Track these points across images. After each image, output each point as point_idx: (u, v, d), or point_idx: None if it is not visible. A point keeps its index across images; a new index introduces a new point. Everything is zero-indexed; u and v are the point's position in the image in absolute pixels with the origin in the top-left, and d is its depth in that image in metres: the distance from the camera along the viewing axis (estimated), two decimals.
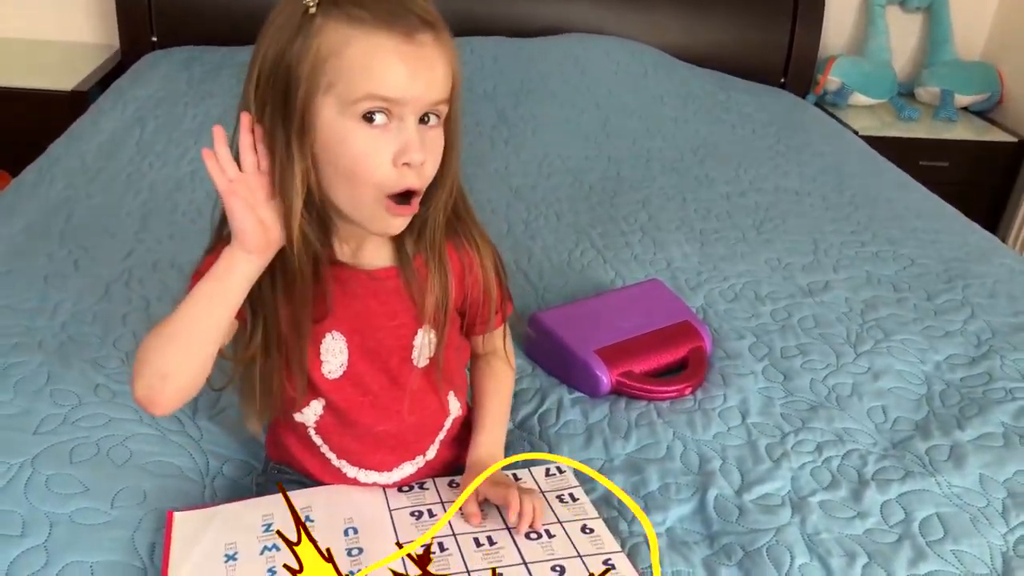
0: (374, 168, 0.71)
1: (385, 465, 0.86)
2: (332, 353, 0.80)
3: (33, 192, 1.48)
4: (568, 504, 0.88)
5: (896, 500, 0.96)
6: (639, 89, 2.20)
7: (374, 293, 0.80)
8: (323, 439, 0.85)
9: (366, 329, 0.81)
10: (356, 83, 0.69)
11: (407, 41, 0.69)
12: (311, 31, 0.70)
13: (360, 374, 0.82)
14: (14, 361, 1.02)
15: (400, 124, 0.71)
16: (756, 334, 1.25)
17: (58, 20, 2.43)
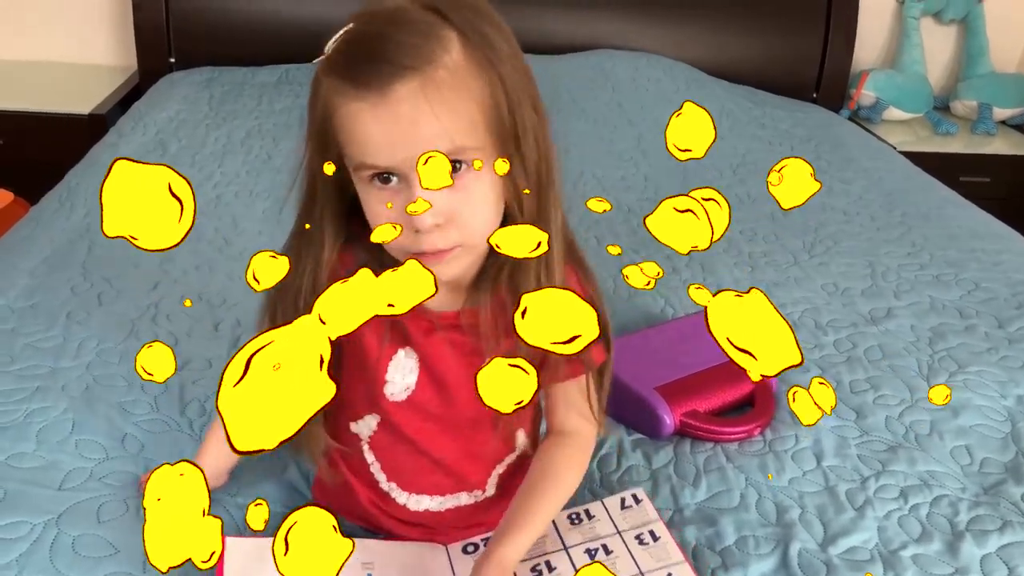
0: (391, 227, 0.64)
1: (438, 489, 0.79)
2: (401, 372, 0.74)
3: (53, 221, 1.42)
4: (649, 546, 0.80)
5: (996, 554, 0.88)
6: (672, 105, 2.10)
7: (452, 335, 0.74)
8: (376, 455, 0.78)
9: (440, 355, 0.75)
10: (350, 152, 0.65)
11: (379, 98, 0.62)
12: (318, 91, 0.68)
13: (425, 401, 0.75)
14: (37, 407, 0.95)
15: (407, 185, 0.64)
16: (821, 367, 1.18)
17: (75, 42, 2.39)
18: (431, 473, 0.79)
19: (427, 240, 0.65)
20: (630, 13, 2.39)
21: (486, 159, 0.65)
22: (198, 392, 1.01)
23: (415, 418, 0.76)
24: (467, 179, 0.65)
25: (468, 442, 0.78)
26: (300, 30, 2.26)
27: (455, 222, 0.65)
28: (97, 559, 0.77)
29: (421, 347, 0.75)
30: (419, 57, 0.62)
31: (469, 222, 0.65)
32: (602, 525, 0.83)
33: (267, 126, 1.86)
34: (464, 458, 0.79)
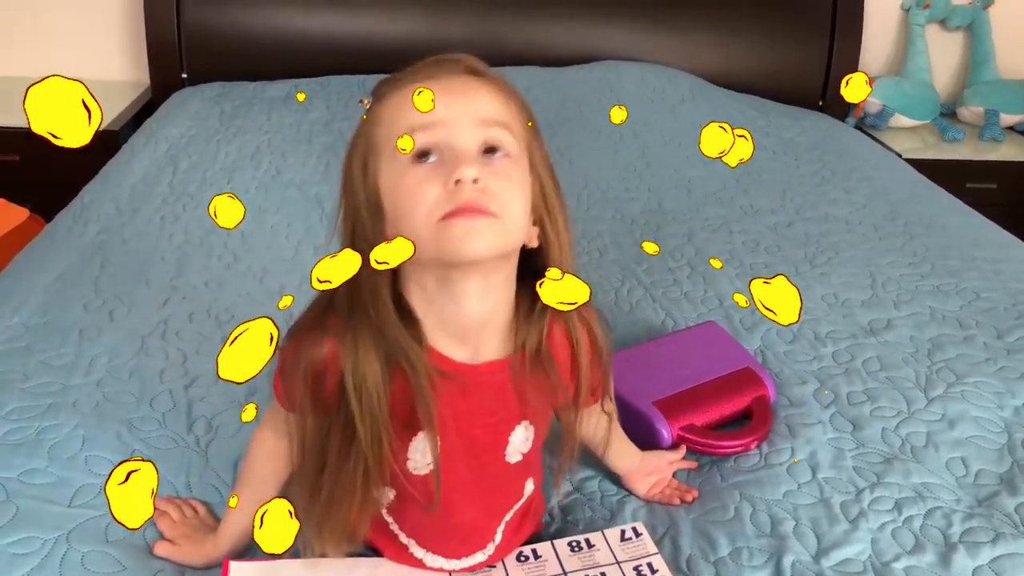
0: (424, 194, 0.66)
1: (455, 554, 0.81)
2: (420, 452, 0.74)
3: (67, 238, 1.45)
4: None
5: (988, 566, 0.89)
6: (677, 116, 2.15)
7: (479, 388, 0.74)
8: (394, 518, 0.80)
9: (463, 428, 0.75)
10: (397, 126, 0.68)
11: (436, 80, 0.68)
12: (360, 129, 0.72)
13: (448, 471, 0.75)
14: (49, 424, 0.98)
15: (451, 153, 0.66)
16: (819, 378, 1.19)
17: (87, 59, 2.43)
18: (448, 540, 0.80)
19: (466, 193, 0.65)
20: (635, 25, 2.41)
21: (522, 157, 0.70)
22: (205, 409, 1.03)
23: (433, 486, 0.75)
24: (503, 163, 0.68)
25: (487, 501, 0.80)
26: (309, 45, 2.29)
27: (492, 190, 0.66)
28: (106, 575, 0.80)
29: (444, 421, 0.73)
30: (471, 64, 0.71)
31: (501, 195, 0.66)
32: (601, 554, 0.85)
33: (276, 141, 1.89)
34: (481, 517, 0.81)
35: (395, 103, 0.69)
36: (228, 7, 2.27)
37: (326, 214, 1.59)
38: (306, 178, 1.73)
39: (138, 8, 2.31)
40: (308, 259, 1.39)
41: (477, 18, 2.31)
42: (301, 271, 1.35)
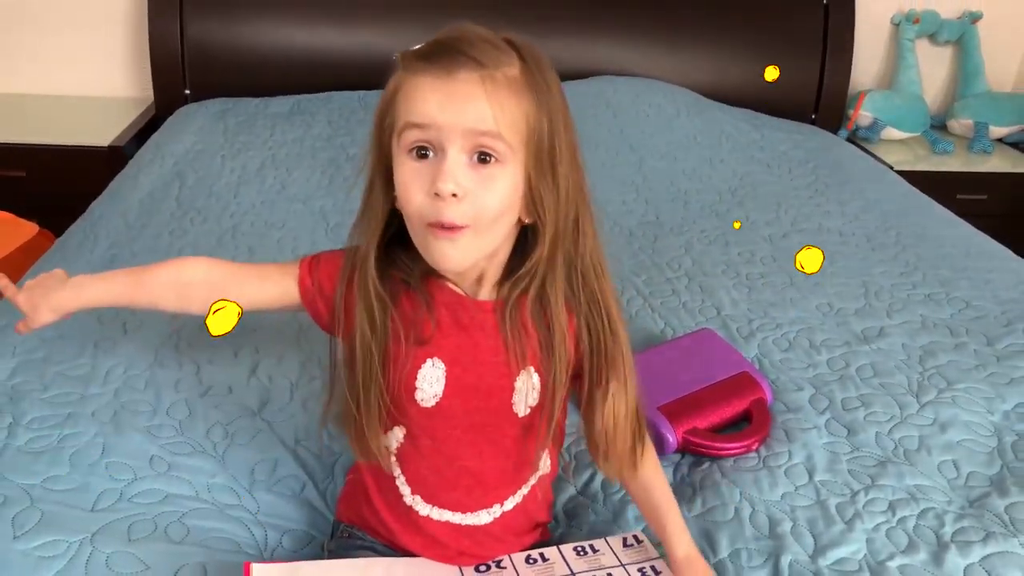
0: (412, 196, 0.74)
1: (460, 506, 0.84)
2: (428, 381, 0.79)
3: (78, 253, 1.48)
4: None
5: (979, 564, 0.92)
6: (672, 130, 2.19)
7: (480, 325, 0.80)
8: (401, 468, 0.83)
9: (468, 362, 0.80)
10: (401, 116, 0.74)
11: (445, 77, 0.72)
12: (390, 79, 0.76)
13: (453, 408, 0.80)
14: (69, 432, 1.01)
15: (441, 158, 0.72)
16: (815, 385, 1.22)
17: (92, 76, 2.47)
18: (452, 488, 0.83)
19: (445, 210, 0.72)
20: (631, 40, 2.45)
21: (514, 164, 0.74)
22: (220, 416, 1.07)
23: (443, 425, 0.81)
24: (492, 170, 0.73)
25: (491, 454, 0.83)
26: (311, 61, 2.33)
27: (470, 199, 0.72)
28: (129, 574, 0.83)
29: (450, 352, 0.80)
30: (486, 57, 0.72)
31: (482, 203, 0.73)
32: (606, 558, 0.88)
33: (280, 156, 1.93)
34: (487, 473, 0.83)
35: (412, 86, 0.73)
36: (230, 24, 2.31)
37: (331, 228, 1.62)
38: (310, 193, 1.76)
39: (142, 26, 2.35)
40: None
41: None
42: None
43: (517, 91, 0.73)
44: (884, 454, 1.09)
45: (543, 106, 0.74)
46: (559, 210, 0.76)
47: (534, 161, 0.74)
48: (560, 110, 0.76)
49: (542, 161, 0.75)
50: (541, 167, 0.75)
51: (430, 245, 0.74)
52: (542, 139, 0.74)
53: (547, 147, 0.74)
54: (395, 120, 0.74)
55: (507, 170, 0.73)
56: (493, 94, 0.72)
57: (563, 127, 0.76)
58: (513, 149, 0.73)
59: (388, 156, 0.76)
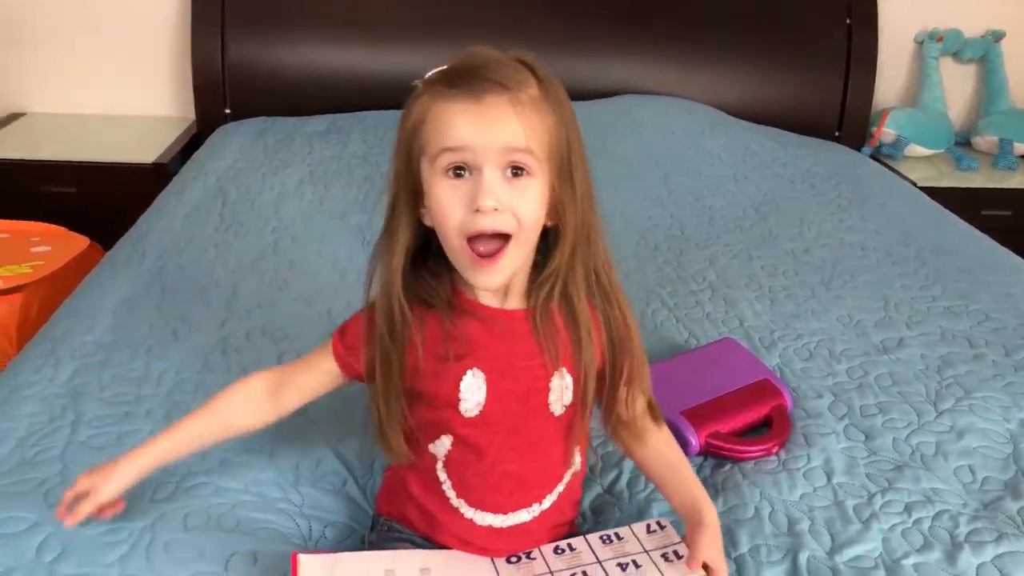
0: (451, 213, 0.79)
1: (501, 508, 0.89)
2: (471, 391, 0.85)
3: (127, 265, 1.56)
4: (674, 563, 0.89)
5: (992, 563, 0.96)
6: (697, 147, 2.24)
7: (513, 333, 0.86)
8: (447, 474, 0.88)
9: (506, 369, 0.85)
10: (434, 142, 0.79)
11: (474, 101, 0.78)
12: (413, 105, 0.81)
13: (495, 413, 0.85)
14: (127, 429, 1.08)
15: (477, 176, 0.78)
16: (834, 392, 1.26)
17: (138, 96, 2.58)
18: (495, 492, 0.88)
19: (485, 221, 0.78)
20: (657, 60, 2.52)
21: (541, 175, 0.80)
22: None
23: (486, 431, 0.86)
24: (524, 182, 0.79)
25: (533, 453, 0.88)
26: (346, 82, 2.42)
27: (509, 210, 0.79)
28: (186, 560, 0.89)
29: (488, 362, 0.85)
30: (510, 80, 0.78)
31: (520, 213, 0.79)
32: (631, 545, 0.91)
33: (318, 173, 2.00)
34: (527, 475, 0.89)
35: (443, 112, 0.78)
36: (269, 46, 2.40)
37: (367, 242, 1.69)
38: (348, 208, 1.84)
39: (185, 49, 2.46)
40: (352, 284, 1.49)
41: None
42: (347, 295, 1.45)
43: (539, 109, 0.79)
44: (901, 459, 1.13)
45: (561, 120, 0.81)
46: (577, 213, 0.82)
47: (557, 171, 0.81)
48: (573, 122, 0.83)
49: (563, 170, 0.81)
50: (562, 176, 0.81)
51: (472, 268, 0.81)
52: (563, 150, 0.81)
53: (567, 157, 0.81)
54: (425, 145, 0.79)
55: (536, 181, 0.80)
56: (522, 114, 0.78)
57: (576, 138, 0.83)
58: (540, 162, 0.79)
59: (415, 179, 0.81)
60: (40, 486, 0.98)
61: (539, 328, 0.85)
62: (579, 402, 0.87)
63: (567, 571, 0.87)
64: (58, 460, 1.02)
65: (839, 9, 2.55)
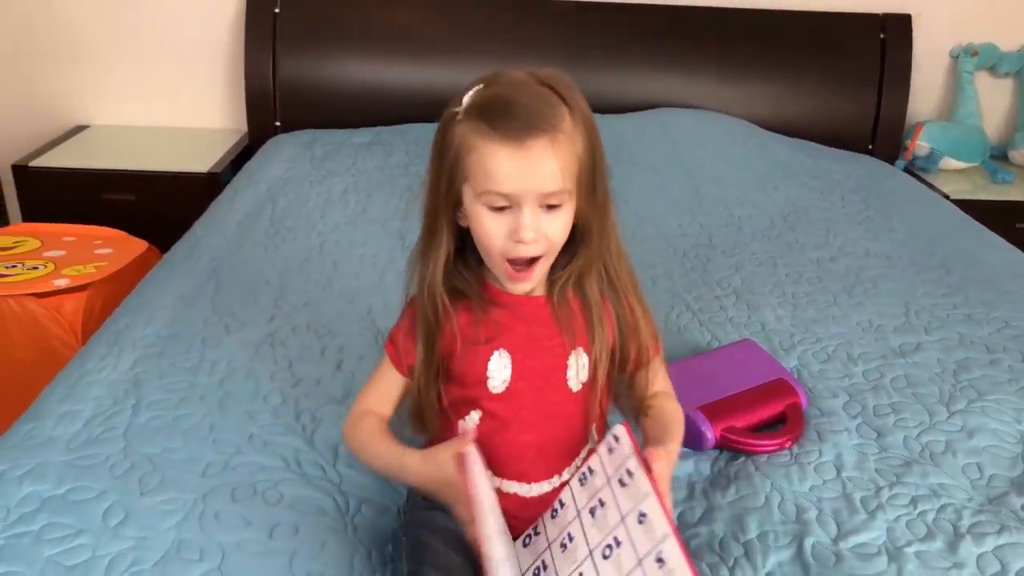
0: (494, 242, 0.88)
1: (525, 476, 0.96)
2: (498, 370, 0.93)
3: (184, 266, 1.67)
4: (627, 487, 0.85)
5: (992, 552, 1.00)
6: (729, 158, 2.30)
7: (535, 317, 0.94)
8: (477, 446, 0.95)
9: (530, 349, 0.94)
10: (480, 181, 0.86)
11: (517, 147, 0.83)
12: (454, 131, 0.88)
13: (520, 389, 0.94)
14: (183, 413, 1.18)
15: (517, 210, 0.86)
16: (850, 393, 1.31)
17: (193, 108, 2.70)
18: (519, 461, 0.95)
19: (524, 249, 0.87)
20: (692, 74, 2.57)
21: (570, 198, 0.88)
22: (309, 404, 1.22)
23: (512, 406, 0.94)
24: (557, 211, 0.87)
25: (552, 427, 0.96)
26: (390, 96, 2.52)
27: (546, 238, 0.88)
28: (234, 527, 0.98)
29: (512, 342, 0.93)
30: (547, 122, 0.84)
31: (553, 239, 0.88)
32: (599, 478, 0.90)
33: (362, 183, 2.10)
34: (547, 446, 0.96)
35: (488, 154, 0.84)
36: (318, 63, 2.52)
37: (406, 246, 1.77)
38: (389, 215, 1.93)
39: (239, 64, 2.58)
40: (390, 285, 1.58)
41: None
42: (385, 295, 1.54)
43: (571, 140, 0.85)
44: (911, 455, 1.17)
45: (587, 141, 0.87)
46: (599, 220, 0.90)
47: (584, 191, 0.88)
48: (596, 136, 0.89)
49: (589, 188, 0.89)
50: (588, 193, 0.89)
51: (508, 278, 0.90)
52: (589, 171, 0.88)
53: (592, 176, 0.89)
54: (470, 176, 0.86)
55: (566, 207, 0.88)
56: (558, 154, 0.84)
57: (600, 151, 0.89)
58: (571, 192, 0.87)
59: (456, 195, 0.88)
60: (106, 460, 1.08)
61: (558, 312, 0.93)
62: (593, 379, 0.95)
63: (558, 540, 0.89)
64: (121, 438, 1.12)
65: (873, 24, 2.58)
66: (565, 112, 0.85)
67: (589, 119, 0.88)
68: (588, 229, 0.91)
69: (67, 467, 1.06)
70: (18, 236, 2.06)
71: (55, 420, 1.15)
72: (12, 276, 1.80)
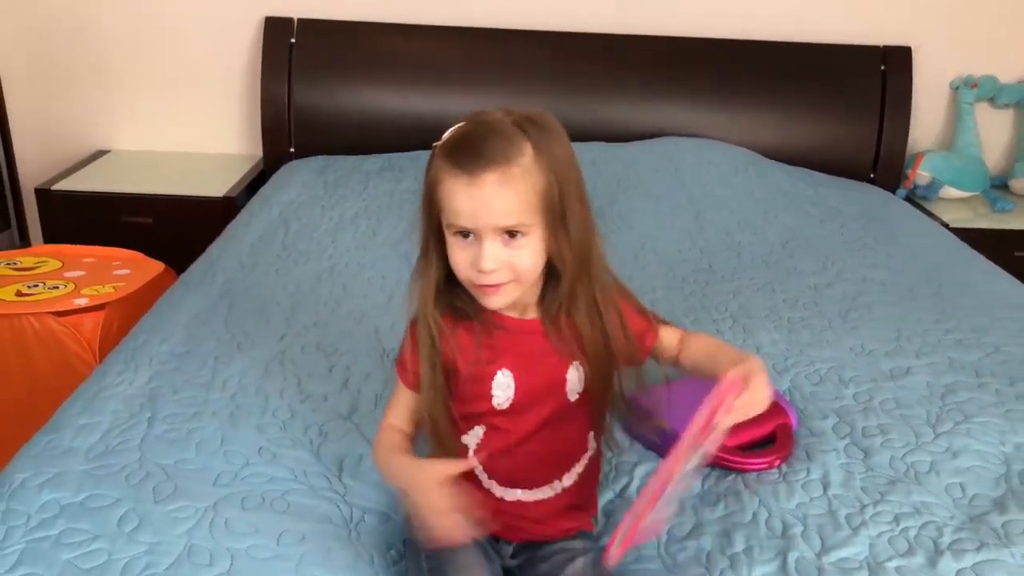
0: (462, 270, 0.94)
1: (527, 483, 1.02)
2: (501, 388, 0.99)
3: (199, 286, 1.73)
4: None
5: (971, 568, 1.03)
6: (730, 186, 2.35)
7: (531, 338, 1.00)
8: (479, 459, 1.02)
9: (529, 366, 1.00)
10: (446, 213, 0.93)
11: (471, 181, 0.89)
12: (431, 164, 0.95)
13: (523, 404, 1.00)
14: (195, 426, 1.23)
15: (479, 241, 0.92)
16: (839, 414, 1.35)
17: (210, 135, 2.79)
18: (521, 469, 1.02)
19: (487, 278, 0.93)
20: (697, 104, 2.64)
21: (536, 230, 0.93)
22: (316, 419, 1.27)
23: (515, 419, 1.00)
24: (521, 241, 0.93)
25: (553, 437, 1.01)
26: (400, 124, 2.60)
27: (508, 267, 0.93)
28: (243, 534, 1.03)
29: (514, 362, 0.99)
30: (502, 155, 0.90)
31: (517, 268, 0.94)
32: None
33: (372, 207, 2.17)
34: (548, 455, 1.02)
35: (449, 187, 0.91)
36: (332, 91, 2.60)
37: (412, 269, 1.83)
38: (398, 239, 1.99)
39: (255, 92, 2.67)
40: (397, 306, 1.63)
41: (551, 98, 2.58)
42: (392, 315, 1.60)
43: (529, 174, 0.90)
44: (896, 475, 1.21)
45: (551, 175, 0.91)
46: (571, 252, 0.95)
47: (549, 221, 0.93)
48: (566, 166, 0.94)
49: (555, 219, 0.94)
50: (555, 223, 0.94)
51: (479, 296, 0.96)
52: (553, 202, 0.93)
53: (558, 207, 0.93)
54: (441, 207, 0.92)
55: (531, 237, 0.93)
56: (512, 187, 0.89)
57: (570, 180, 0.94)
58: (533, 222, 0.92)
59: (436, 220, 0.95)
60: (122, 470, 1.13)
61: (551, 335, 0.99)
62: (589, 390, 1.01)
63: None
64: (137, 449, 1.18)
65: (874, 56, 2.64)
66: (526, 148, 0.90)
67: (559, 156, 0.93)
68: (565, 264, 0.96)
69: (85, 476, 1.11)
70: (40, 257, 2.14)
71: (74, 432, 1.21)
72: (34, 295, 1.87)
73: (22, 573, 0.97)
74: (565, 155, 0.95)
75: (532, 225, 0.92)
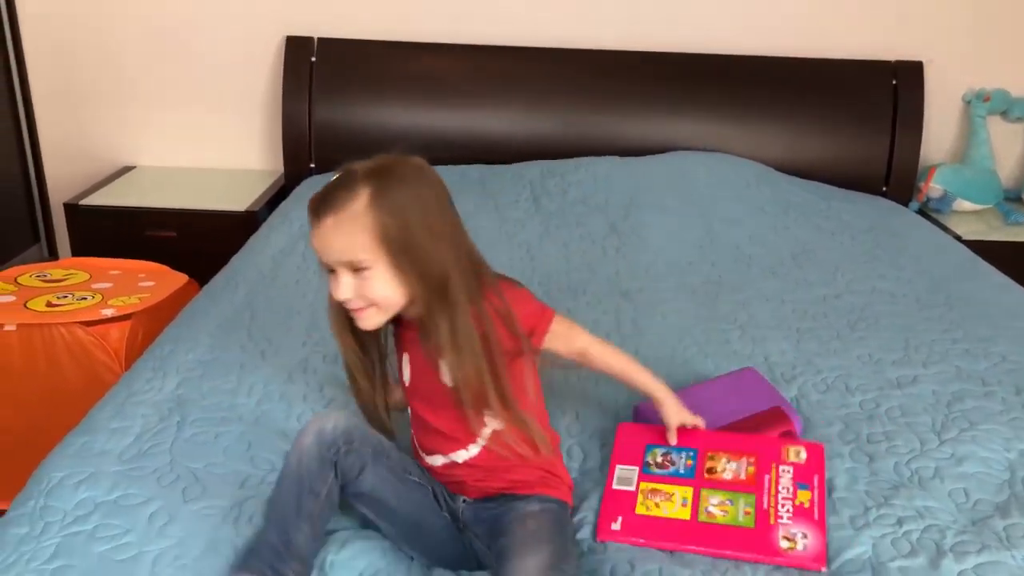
0: (331, 298, 1.10)
1: (442, 449, 1.15)
2: (406, 372, 1.16)
3: (222, 296, 1.79)
4: None
5: (972, 570, 1.06)
6: (742, 199, 2.38)
7: (415, 337, 1.13)
8: (413, 430, 1.20)
9: (420, 354, 1.13)
10: None
11: (317, 226, 1.04)
12: None
13: (417, 385, 1.15)
14: (222, 431, 1.28)
15: (336, 275, 1.06)
16: (845, 422, 1.38)
17: (232, 151, 2.86)
18: (433, 438, 1.15)
19: (347, 304, 1.07)
20: (710, 119, 2.67)
21: (379, 264, 1.03)
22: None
23: (414, 396, 1.16)
24: (366, 274, 1.04)
25: (438, 413, 1.13)
26: (417, 139, 2.65)
27: (362, 296, 1.06)
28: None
29: (410, 351, 1.14)
30: (336, 204, 1.03)
31: (369, 296, 1.06)
32: None
33: None
34: (447, 424, 1.12)
35: (310, 228, 1.05)
36: (351, 108, 2.66)
37: None
38: None
39: (276, 110, 2.74)
40: None
41: (566, 114, 2.64)
42: None
43: (361, 218, 1.01)
44: (900, 480, 1.24)
45: (389, 216, 1.01)
46: (424, 281, 1.04)
47: (393, 255, 1.03)
48: (412, 207, 1.03)
49: (399, 253, 1.03)
50: (399, 257, 1.03)
51: (354, 319, 1.09)
52: (393, 240, 1.02)
53: (401, 242, 1.02)
54: None
55: (376, 270, 1.04)
56: (340, 230, 1.02)
57: (418, 218, 1.03)
58: (373, 256, 1.02)
59: None
60: (153, 472, 1.18)
61: (421, 336, 1.10)
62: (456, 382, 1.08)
63: None
64: (167, 452, 1.23)
65: (885, 71, 2.67)
66: (363, 195, 1.02)
67: (400, 200, 1.03)
68: (416, 295, 1.06)
69: (119, 476, 1.16)
70: (68, 269, 2.20)
71: (107, 435, 1.26)
72: (63, 306, 1.93)
73: (58, 564, 1.02)
74: (409, 199, 1.04)
75: (374, 260, 1.03)
